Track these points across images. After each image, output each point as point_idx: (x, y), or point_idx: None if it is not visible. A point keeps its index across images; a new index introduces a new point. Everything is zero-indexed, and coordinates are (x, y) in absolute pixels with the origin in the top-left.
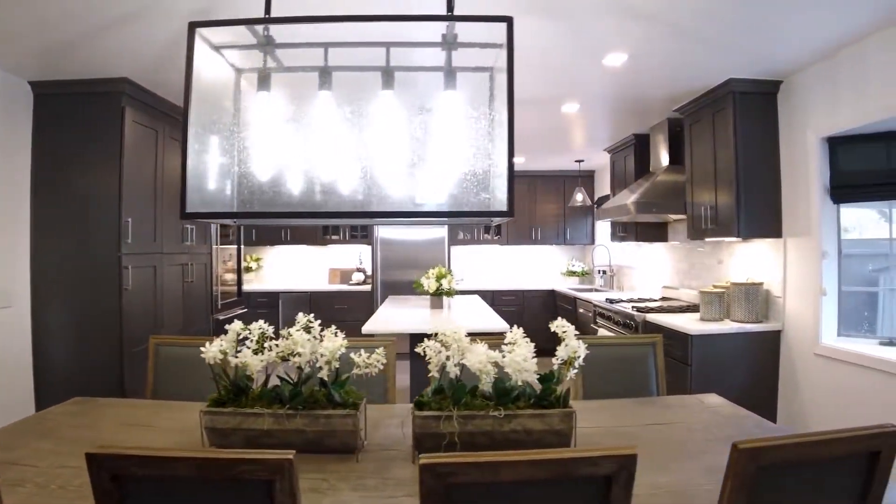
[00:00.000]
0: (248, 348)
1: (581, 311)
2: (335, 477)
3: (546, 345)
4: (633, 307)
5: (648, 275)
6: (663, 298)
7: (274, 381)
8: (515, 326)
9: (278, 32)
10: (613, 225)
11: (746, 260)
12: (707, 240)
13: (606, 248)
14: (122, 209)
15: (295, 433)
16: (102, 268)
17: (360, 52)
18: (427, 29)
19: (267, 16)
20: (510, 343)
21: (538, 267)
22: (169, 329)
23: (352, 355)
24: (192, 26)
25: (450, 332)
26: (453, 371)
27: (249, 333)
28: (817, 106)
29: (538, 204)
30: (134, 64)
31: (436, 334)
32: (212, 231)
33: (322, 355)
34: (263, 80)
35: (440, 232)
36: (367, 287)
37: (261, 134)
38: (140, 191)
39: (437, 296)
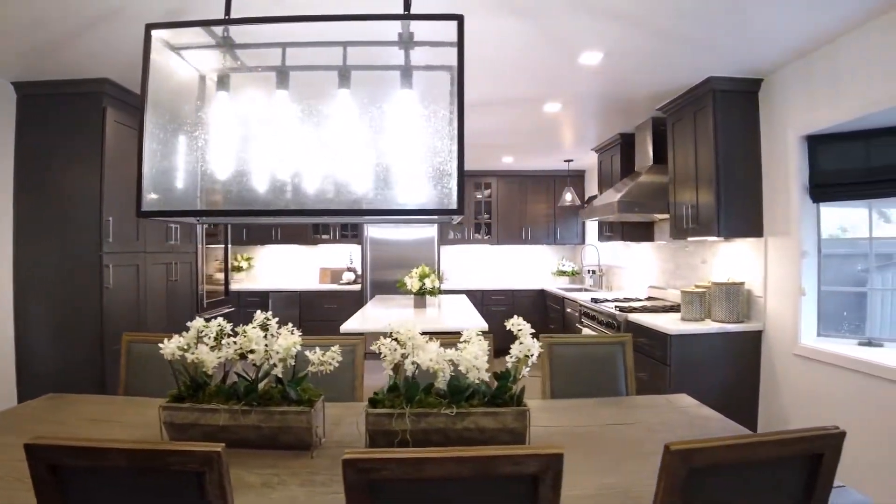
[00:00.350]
0: (206, 345)
1: (568, 310)
2: (287, 472)
3: None
4: (616, 307)
5: (636, 274)
6: (649, 298)
7: (238, 379)
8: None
9: (240, 33)
10: (600, 224)
11: (729, 260)
12: (689, 239)
13: (595, 248)
14: (103, 208)
15: (251, 429)
16: (84, 266)
17: (320, 52)
18: (385, 28)
19: (227, 17)
20: (465, 341)
21: (529, 267)
22: (152, 327)
23: (307, 353)
24: (149, 28)
25: (404, 330)
26: (410, 369)
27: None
28: (796, 104)
29: (528, 204)
30: (114, 64)
31: (391, 332)
32: (197, 231)
33: (276, 352)
34: (223, 81)
35: (430, 231)
36: (357, 287)
37: (221, 133)
38: (122, 190)
39: (421, 295)
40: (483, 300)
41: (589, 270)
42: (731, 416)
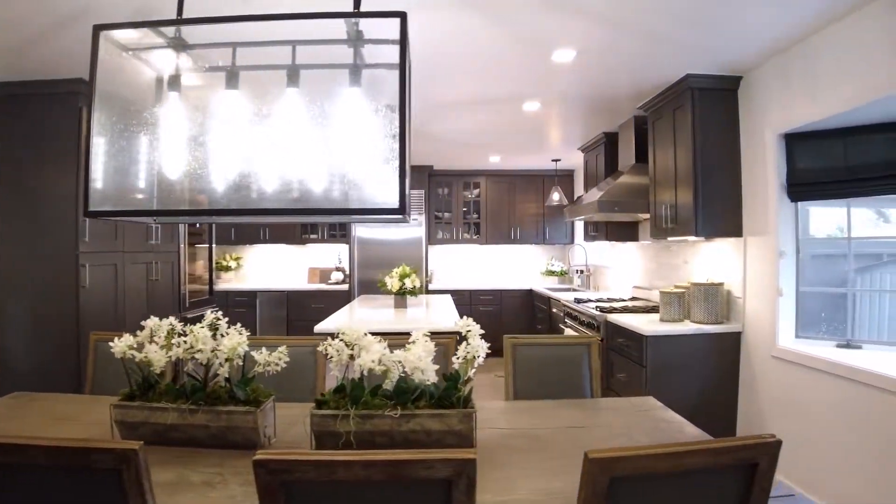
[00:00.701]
0: (156, 343)
1: (554, 310)
2: (231, 471)
3: None
4: (596, 307)
5: (622, 274)
6: (633, 298)
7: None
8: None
9: (192, 33)
10: (586, 224)
11: (710, 260)
12: (669, 239)
13: (583, 248)
14: (79, 208)
15: (199, 428)
16: (60, 266)
17: (271, 51)
18: (338, 26)
19: (179, 17)
20: (413, 342)
21: (518, 267)
22: (132, 327)
23: (253, 353)
24: (97, 29)
25: (349, 331)
26: (359, 370)
27: (157, 328)
28: (774, 102)
29: (517, 203)
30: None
31: (338, 333)
32: (180, 230)
33: (222, 352)
34: (174, 81)
35: (418, 231)
36: (345, 287)
37: (173, 133)
38: None
39: (401, 295)
40: (471, 300)
41: (577, 270)
42: (709, 420)
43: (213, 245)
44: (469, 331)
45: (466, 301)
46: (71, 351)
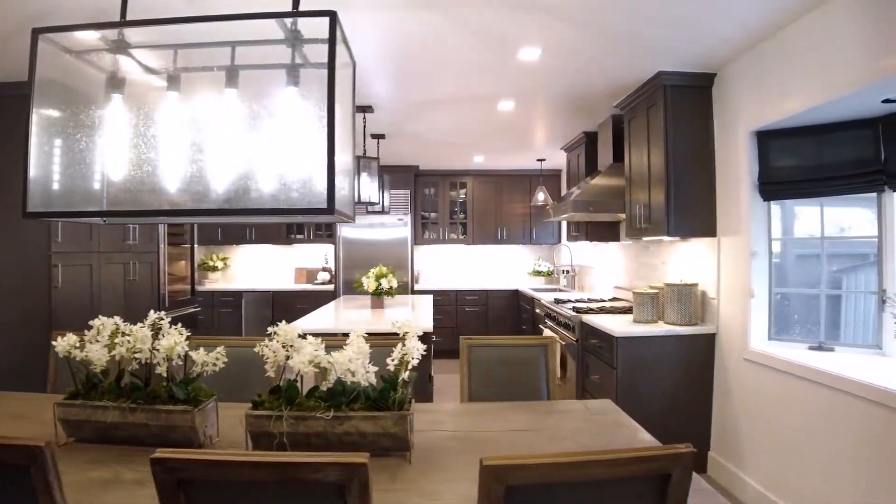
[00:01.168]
0: (99, 342)
1: (537, 311)
2: None
3: None
4: (573, 308)
5: (605, 274)
6: (613, 299)
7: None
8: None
9: (134, 35)
10: (568, 224)
11: (686, 260)
12: (644, 239)
13: (568, 248)
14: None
15: (140, 427)
16: (32, 266)
17: (212, 52)
18: (278, 26)
19: (123, 19)
20: (348, 344)
21: (505, 267)
22: None
23: (190, 353)
24: (35, 32)
25: (282, 332)
26: (297, 371)
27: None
28: (746, 98)
29: (504, 203)
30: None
31: (275, 333)
32: (160, 231)
33: (159, 352)
34: (117, 83)
35: (403, 232)
36: (331, 287)
37: (118, 135)
38: None
39: (377, 295)
40: (457, 301)
41: (563, 271)
42: (683, 423)
43: (195, 245)
44: (406, 332)
45: (452, 301)
46: (43, 351)
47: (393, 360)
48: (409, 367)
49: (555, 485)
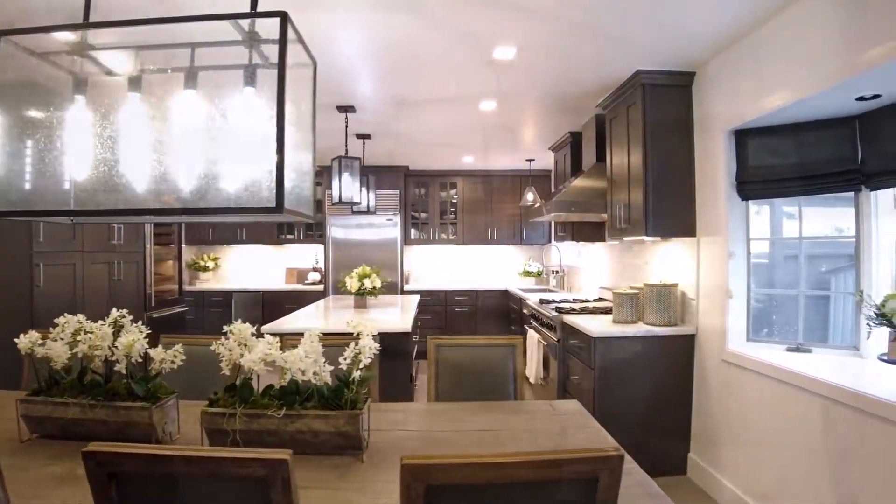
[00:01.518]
0: (62, 340)
1: (524, 311)
2: None
3: None
4: (555, 308)
5: (591, 275)
6: (598, 299)
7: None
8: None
9: (97, 36)
10: (555, 224)
11: (667, 260)
12: (625, 239)
13: (557, 249)
14: None
15: (99, 423)
16: (13, 266)
17: (175, 53)
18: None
19: (85, 21)
20: (301, 343)
21: (495, 267)
22: None
23: (149, 351)
24: None
25: (236, 330)
26: (254, 370)
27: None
28: (723, 97)
29: (494, 204)
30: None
31: (230, 331)
32: (146, 231)
33: (118, 349)
34: (78, 85)
35: (393, 232)
36: (321, 287)
37: (80, 136)
38: None
39: (360, 295)
40: (447, 301)
41: (552, 271)
42: (662, 424)
43: (183, 245)
44: (360, 331)
45: (442, 301)
46: None
47: (345, 359)
48: (362, 365)
49: (478, 486)
